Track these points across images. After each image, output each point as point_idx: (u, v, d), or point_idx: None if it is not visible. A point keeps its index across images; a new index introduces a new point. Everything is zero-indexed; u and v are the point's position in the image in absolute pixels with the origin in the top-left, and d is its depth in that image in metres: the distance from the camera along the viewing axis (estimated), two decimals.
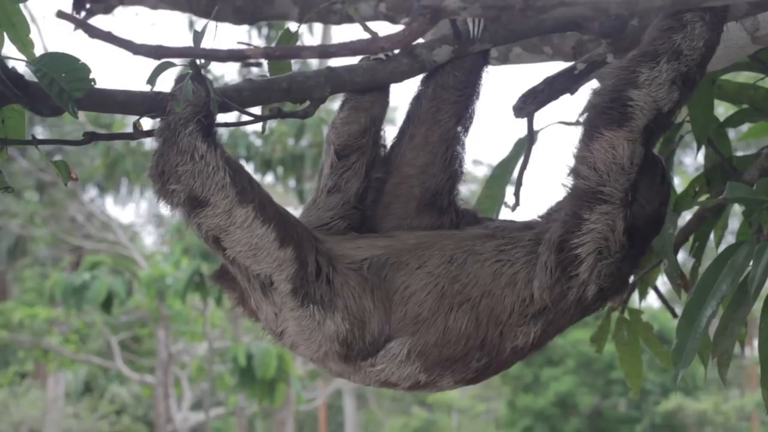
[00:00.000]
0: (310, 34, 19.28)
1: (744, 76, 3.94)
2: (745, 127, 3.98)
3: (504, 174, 3.86)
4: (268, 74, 2.87)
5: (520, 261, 2.75)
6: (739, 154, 3.98)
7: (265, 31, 18.21)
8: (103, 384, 27.73)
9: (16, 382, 26.01)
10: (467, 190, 3.59)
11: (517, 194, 3.33)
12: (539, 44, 3.60)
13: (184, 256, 18.24)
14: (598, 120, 2.65)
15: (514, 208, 3.31)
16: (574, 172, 2.72)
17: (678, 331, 3.23)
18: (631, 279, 3.20)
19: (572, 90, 3.04)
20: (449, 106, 3.03)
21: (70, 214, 25.32)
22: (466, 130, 3.10)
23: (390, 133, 3.13)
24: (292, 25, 3.31)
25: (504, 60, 3.72)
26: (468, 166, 3.13)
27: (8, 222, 25.75)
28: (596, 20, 2.59)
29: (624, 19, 2.16)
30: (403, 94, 3.16)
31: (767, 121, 3.86)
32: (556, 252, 2.70)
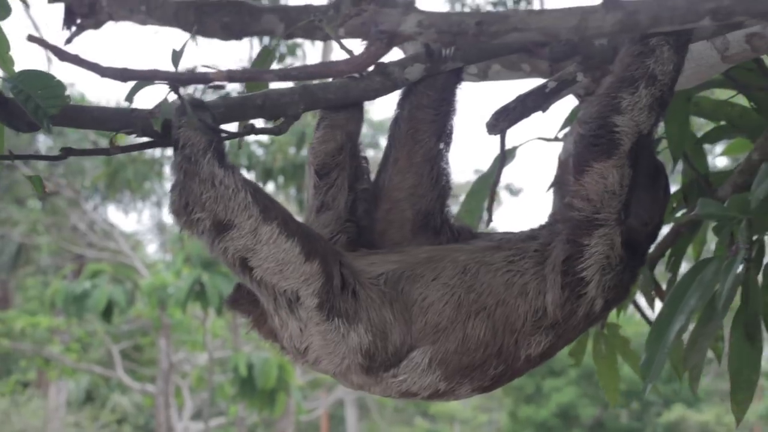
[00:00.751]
0: (312, 46, 19.32)
1: (720, 93, 3.99)
2: (725, 143, 4.03)
3: (483, 189, 3.91)
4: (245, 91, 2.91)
5: (530, 272, 2.81)
6: (718, 168, 4.03)
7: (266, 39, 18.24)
8: (105, 393, 27.76)
9: (18, 391, 26.04)
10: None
11: (489, 209, 3.38)
12: (517, 62, 3.64)
13: (185, 265, 18.28)
14: (587, 153, 2.74)
15: (487, 224, 3.36)
16: (568, 205, 2.81)
17: (647, 345, 3.28)
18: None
19: (543, 107, 3.08)
20: (427, 125, 3.07)
21: (72, 222, 25.35)
22: (448, 145, 3.14)
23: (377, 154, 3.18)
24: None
25: (483, 77, 3.77)
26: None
27: (10, 230, 25.80)
28: (546, 45, 2.64)
29: (573, 45, 2.23)
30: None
31: (744, 137, 3.90)
32: (562, 275, 2.77)
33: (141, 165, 18.83)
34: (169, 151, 2.74)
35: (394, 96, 3.09)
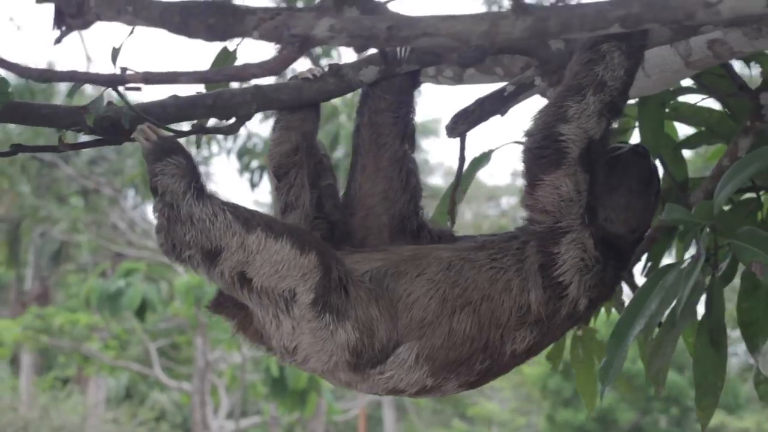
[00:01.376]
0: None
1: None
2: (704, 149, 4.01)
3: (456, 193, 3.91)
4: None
5: (512, 268, 2.83)
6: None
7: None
8: (144, 390, 27.98)
9: (58, 387, 26.31)
10: None
11: (451, 213, 3.39)
12: (491, 65, 3.65)
13: None
14: (536, 167, 2.76)
15: (450, 228, 3.37)
16: (529, 219, 2.84)
17: (608, 349, 3.27)
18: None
19: (502, 111, 3.10)
20: (388, 128, 3.09)
21: (112, 220, 25.61)
22: (412, 146, 3.16)
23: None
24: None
25: (459, 80, 3.77)
26: None
27: (51, 228, 26.10)
28: (456, 51, 2.65)
29: (483, 50, 2.23)
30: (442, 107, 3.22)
31: (723, 143, 3.88)
32: (542, 279, 2.79)
33: None
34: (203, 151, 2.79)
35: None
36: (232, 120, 2.90)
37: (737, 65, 3.50)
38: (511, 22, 2.07)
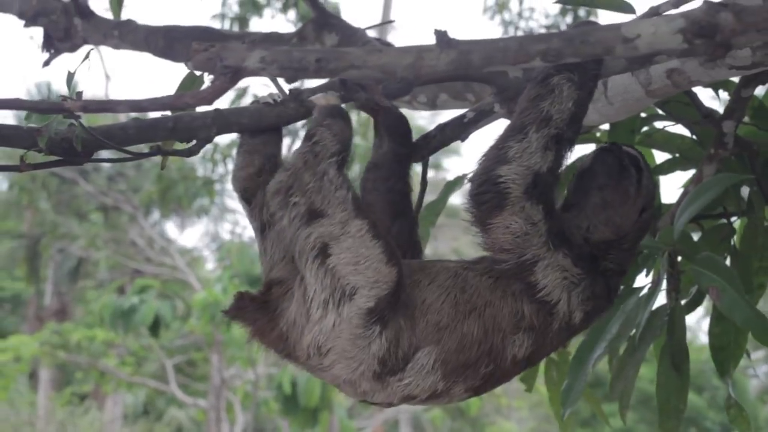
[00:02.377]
0: None
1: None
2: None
3: (430, 215, 3.96)
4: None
5: (507, 274, 2.84)
6: None
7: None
8: (161, 407, 28.08)
9: (75, 403, 26.44)
10: None
11: (414, 222, 3.44)
12: (462, 91, 3.70)
13: (231, 282, 18.48)
14: (480, 214, 2.80)
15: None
16: (493, 260, 2.86)
17: (569, 372, 3.31)
18: None
19: (463, 137, 3.14)
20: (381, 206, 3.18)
21: (131, 237, 25.77)
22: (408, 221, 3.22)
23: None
24: None
25: (432, 105, 3.84)
26: None
27: (69, 244, 26.28)
28: (381, 83, 2.69)
29: (409, 82, 2.27)
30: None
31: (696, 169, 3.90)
32: (528, 298, 2.82)
33: (191, 182, 19.07)
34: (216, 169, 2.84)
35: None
36: (193, 142, 2.94)
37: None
38: (436, 55, 2.11)
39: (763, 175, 3.49)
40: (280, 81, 2.62)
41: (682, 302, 3.60)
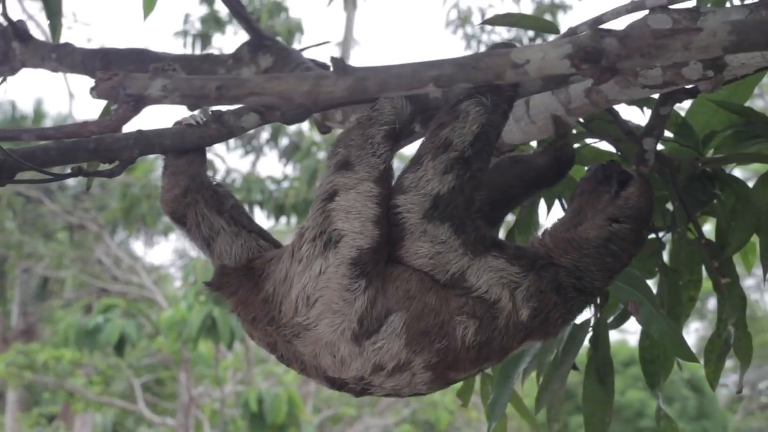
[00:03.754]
0: None
1: None
2: None
3: None
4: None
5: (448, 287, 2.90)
6: None
7: None
8: (131, 426, 27.91)
9: (42, 424, 26.26)
10: None
11: None
12: None
13: (197, 300, 18.42)
14: (393, 242, 2.87)
15: None
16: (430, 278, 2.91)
17: (495, 386, 3.36)
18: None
19: None
20: None
21: (97, 256, 25.67)
22: None
23: None
24: None
25: None
26: None
27: (35, 264, 26.14)
28: (279, 109, 2.74)
29: (307, 108, 2.33)
30: None
31: None
32: (471, 298, 2.85)
33: (155, 200, 19.02)
34: None
35: None
36: (116, 163, 2.98)
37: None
38: (333, 81, 2.16)
39: (685, 190, 3.56)
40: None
41: (612, 317, 3.67)
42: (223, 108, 3.03)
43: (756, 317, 31.28)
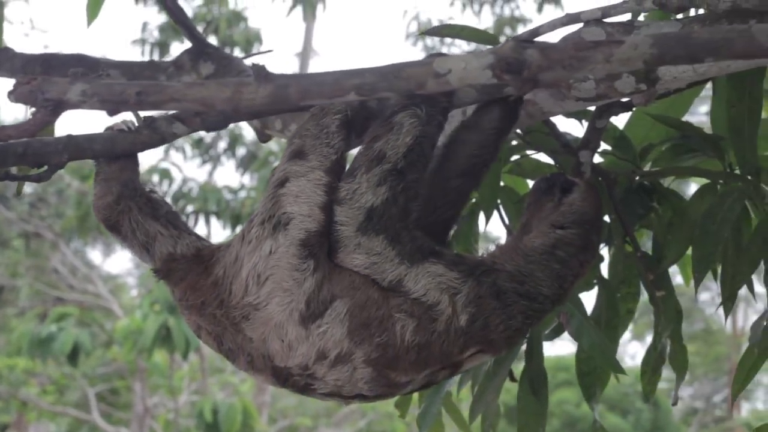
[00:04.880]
0: None
1: None
2: None
3: None
4: None
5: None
6: None
7: None
8: None
9: None
10: None
11: None
12: None
13: (151, 309, 18.32)
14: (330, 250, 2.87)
15: None
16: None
17: (426, 397, 3.36)
18: None
19: None
20: (457, 159, 3.16)
21: (53, 265, 25.46)
22: (472, 182, 3.21)
23: None
24: None
25: None
26: None
27: None
28: (200, 115, 2.73)
29: (227, 115, 2.32)
30: None
31: None
32: (410, 300, 2.84)
33: None
34: None
35: None
36: (45, 168, 2.95)
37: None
38: (254, 89, 2.15)
39: (622, 203, 3.58)
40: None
41: (548, 329, 3.68)
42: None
43: (712, 331, 31.57)
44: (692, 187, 3.90)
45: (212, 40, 19.18)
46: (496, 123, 3.09)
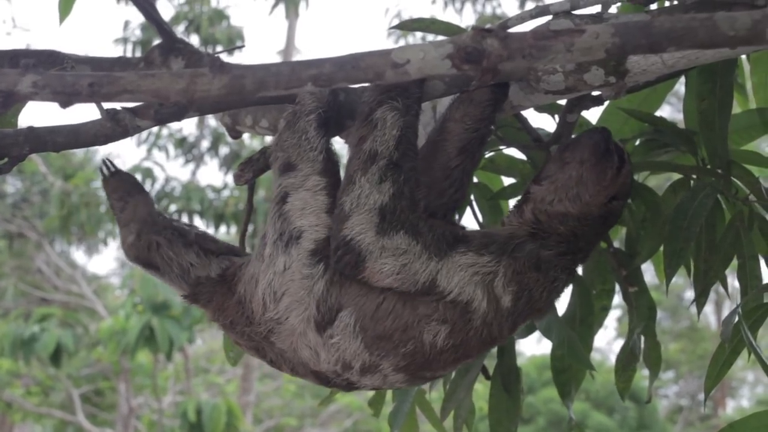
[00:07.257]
0: None
1: None
2: None
3: None
4: None
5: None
6: None
7: None
8: None
9: None
10: None
11: (241, 243, 3.47)
12: None
13: (134, 310, 18.26)
14: (351, 274, 2.80)
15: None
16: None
17: (397, 395, 3.32)
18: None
19: None
20: (454, 136, 3.13)
21: (37, 265, 25.36)
22: (472, 159, 3.17)
23: None
24: None
25: (275, 130, 3.84)
26: None
27: None
28: (152, 107, 2.69)
29: (182, 107, 2.27)
30: None
31: None
32: (443, 302, 2.79)
33: (94, 208, 18.84)
34: None
35: None
36: (5, 160, 2.91)
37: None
38: (209, 80, 2.11)
39: None
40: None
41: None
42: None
43: (696, 328, 31.62)
44: (670, 182, 3.85)
45: (194, 38, 19.15)
46: (489, 94, 3.07)
